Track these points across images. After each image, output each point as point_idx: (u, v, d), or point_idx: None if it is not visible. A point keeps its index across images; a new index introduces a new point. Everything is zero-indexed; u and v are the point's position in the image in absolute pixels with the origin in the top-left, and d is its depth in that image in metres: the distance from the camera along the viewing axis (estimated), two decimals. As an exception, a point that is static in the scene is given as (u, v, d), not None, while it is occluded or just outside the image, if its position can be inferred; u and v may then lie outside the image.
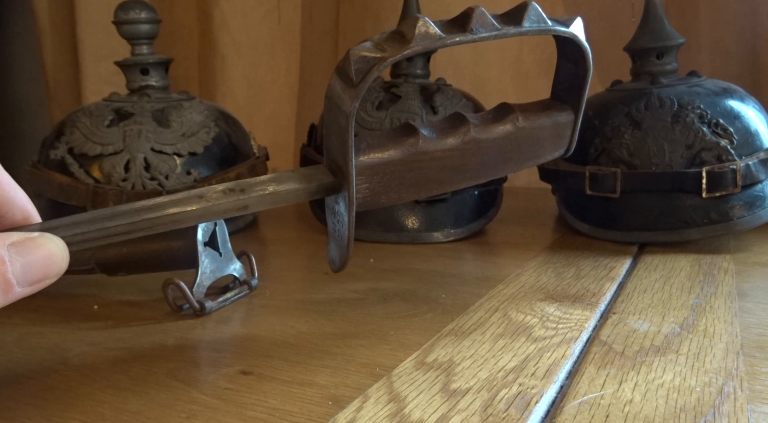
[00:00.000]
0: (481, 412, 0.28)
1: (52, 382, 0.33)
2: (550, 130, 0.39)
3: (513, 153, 0.38)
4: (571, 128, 0.39)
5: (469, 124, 0.37)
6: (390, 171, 0.35)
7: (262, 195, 0.33)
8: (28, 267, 0.25)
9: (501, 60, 0.91)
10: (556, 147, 0.40)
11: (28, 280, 0.25)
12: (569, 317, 0.40)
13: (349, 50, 0.32)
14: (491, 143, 0.37)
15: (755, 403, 0.29)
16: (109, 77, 0.98)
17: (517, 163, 0.39)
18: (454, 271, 0.52)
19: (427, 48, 0.32)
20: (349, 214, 0.34)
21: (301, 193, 0.34)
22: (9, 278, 0.24)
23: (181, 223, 0.31)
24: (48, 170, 0.63)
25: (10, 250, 0.24)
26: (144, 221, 0.30)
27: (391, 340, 0.37)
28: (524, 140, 0.38)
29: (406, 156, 0.36)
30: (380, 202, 0.36)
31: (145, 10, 0.65)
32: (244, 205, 0.32)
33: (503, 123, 0.38)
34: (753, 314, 0.40)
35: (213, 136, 0.65)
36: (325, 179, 0.34)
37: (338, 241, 0.37)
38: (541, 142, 0.39)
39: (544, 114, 0.39)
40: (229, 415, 0.29)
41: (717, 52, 0.79)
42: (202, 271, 0.43)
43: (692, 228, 0.55)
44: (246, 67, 1.01)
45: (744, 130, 0.56)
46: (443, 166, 0.37)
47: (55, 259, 0.26)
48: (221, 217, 0.33)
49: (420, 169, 0.36)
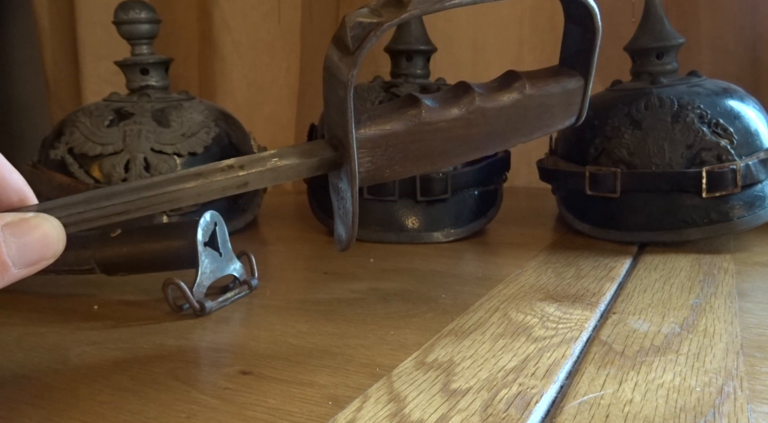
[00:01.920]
0: (481, 412, 0.28)
1: (52, 382, 0.33)
2: (559, 97, 0.37)
3: (521, 122, 0.36)
4: (581, 94, 0.38)
5: (474, 92, 0.35)
6: (393, 143, 0.34)
7: (261, 170, 0.32)
8: (24, 248, 0.24)
9: (501, 60, 0.91)
10: (567, 115, 0.38)
11: (24, 261, 0.24)
12: (569, 317, 0.40)
13: (345, 17, 0.31)
14: (498, 112, 0.36)
15: (755, 403, 0.29)
16: (109, 77, 0.98)
17: (526, 132, 0.37)
18: (454, 271, 0.52)
19: (425, 11, 0.32)
20: (352, 189, 0.33)
21: (302, 169, 0.33)
22: (5, 260, 0.24)
23: (180, 201, 0.30)
24: (48, 170, 0.63)
25: (5, 231, 0.24)
26: (141, 200, 0.29)
27: (391, 340, 0.37)
28: (532, 108, 0.36)
29: (408, 127, 0.34)
30: (384, 176, 0.35)
31: (145, 10, 0.65)
32: (243, 181, 0.31)
33: (510, 91, 0.36)
34: (753, 314, 0.40)
35: (213, 136, 0.65)
36: (326, 154, 0.33)
37: (343, 219, 0.36)
38: (551, 110, 0.37)
39: (553, 80, 0.37)
40: (229, 415, 0.29)
41: (717, 52, 0.79)
42: (202, 271, 0.43)
43: (692, 228, 0.55)
44: (246, 67, 1.01)
45: (744, 130, 0.56)
46: (448, 137, 0.35)
47: (51, 239, 0.25)
48: (220, 195, 0.31)
49: (424, 141, 0.35)
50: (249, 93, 1.01)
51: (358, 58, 0.31)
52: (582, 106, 0.38)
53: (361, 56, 0.31)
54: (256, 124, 0.94)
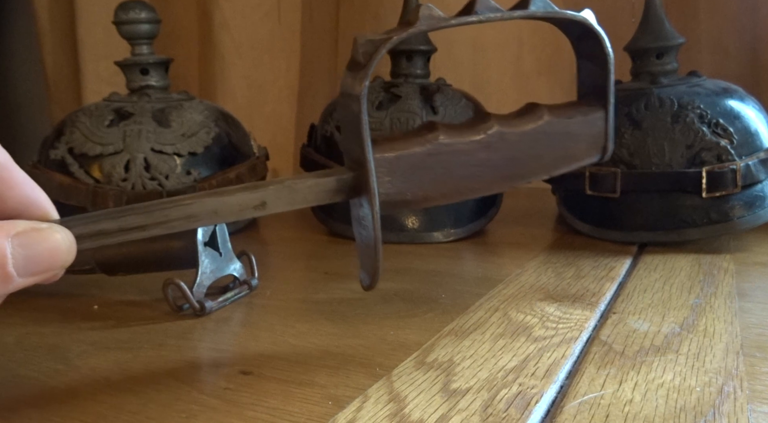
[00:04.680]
0: (481, 412, 0.28)
1: (52, 382, 0.33)
2: (580, 126, 0.37)
3: (544, 149, 0.36)
4: (603, 124, 0.37)
5: (492, 118, 0.35)
6: (412, 163, 0.34)
7: (279, 188, 0.31)
8: (30, 259, 0.24)
9: (501, 60, 0.91)
10: (592, 147, 0.37)
11: (29, 271, 0.24)
12: (569, 317, 0.40)
13: (356, 37, 0.32)
14: (518, 137, 0.35)
15: (755, 403, 0.29)
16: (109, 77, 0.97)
17: (551, 162, 0.37)
18: (454, 271, 0.52)
19: (432, 27, 0.32)
20: (372, 209, 0.32)
21: (319, 190, 0.32)
22: (9, 272, 0.24)
23: (196, 218, 0.30)
24: (48, 170, 0.63)
25: (14, 241, 0.24)
26: (159, 213, 0.29)
27: (391, 340, 0.37)
28: (555, 136, 0.36)
29: (427, 148, 0.34)
30: (406, 199, 0.34)
31: (145, 10, 0.65)
32: (261, 200, 0.31)
33: (530, 117, 0.36)
34: (753, 314, 0.40)
35: (213, 136, 0.65)
36: (343, 175, 0.33)
37: (366, 250, 0.35)
38: (574, 139, 0.37)
39: (573, 110, 0.37)
40: (229, 415, 0.29)
41: (717, 52, 0.79)
42: (202, 271, 0.43)
43: (692, 228, 0.55)
44: (246, 67, 1.01)
45: (744, 130, 0.56)
46: (469, 160, 0.35)
47: (60, 251, 0.25)
48: (237, 216, 0.31)
49: (444, 163, 0.34)
50: (249, 93, 1.01)
51: (369, 69, 0.31)
52: (606, 136, 0.37)
53: (371, 68, 0.31)
54: (256, 124, 0.94)
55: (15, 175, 0.26)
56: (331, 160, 0.66)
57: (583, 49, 0.38)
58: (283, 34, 1.01)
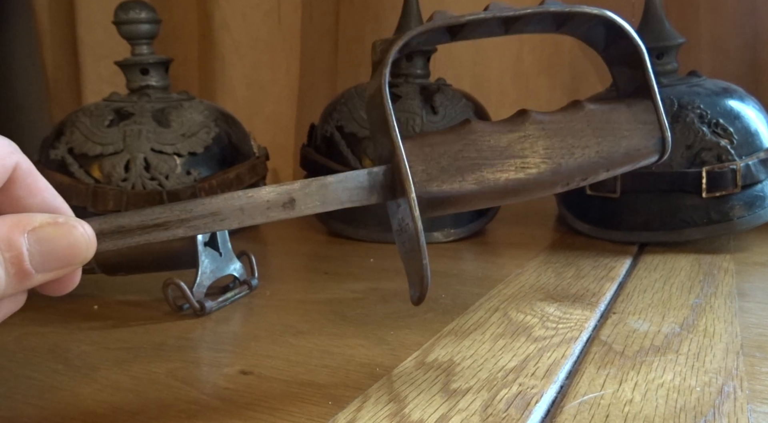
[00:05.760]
0: (481, 412, 0.28)
1: (52, 382, 0.33)
2: (626, 115, 0.34)
3: (590, 140, 0.33)
4: (653, 113, 0.34)
5: (530, 111, 0.33)
6: (446, 152, 0.31)
7: (307, 183, 0.29)
8: (48, 255, 0.24)
9: (501, 60, 0.91)
10: (647, 138, 0.34)
11: (48, 267, 0.24)
12: (569, 317, 0.40)
13: (373, 42, 0.32)
14: (558, 126, 0.33)
15: (755, 403, 0.29)
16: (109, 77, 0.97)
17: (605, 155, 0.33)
18: (454, 271, 0.52)
19: (446, 23, 0.32)
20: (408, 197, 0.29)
21: (351, 186, 0.30)
22: (26, 268, 0.23)
23: (221, 216, 0.28)
24: (48, 170, 0.63)
25: (30, 237, 0.23)
26: (182, 210, 0.27)
27: (391, 340, 0.37)
28: (599, 125, 0.33)
29: (461, 138, 0.32)
30: (445, 193, 0.31)
31: (145, 10, 0.65)
32: (289, 197, 0.29)
33: (568, 109, 0.34)
34: (753, 314, 0.40)
35: (213, 136, 0.65)
36: (374, 169, 0.31)
37: (410, 259, 0.32)
38: (623, 129, 0.34)
39: (616, 101, 0.35)
40: (229, 415, 0.29)
41: (717, 52, 0.79)
42: (202, 271, 0.43)
43: (692, 228, 0.55)
44: (246, 67, 1.01)
45: (744, 130, 0.56)
46: (510, 147, 0.32)
47: (79, 247, 0.24)
48: (265, 216, 0.29)
49: (482, 150, 0.32)
50: (249, 93, 1.01)
51: (388, 60, 0.31)
52: (661, 127, 0.34)
53: (390, 58, 0.31)
54: (256, 124, 0.94)
55: (39, 182, 0.26)
56: (331, 160, 0.66)
57: (613, 54, 0.37)
58: (283, 34, 1.01)
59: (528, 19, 0.34)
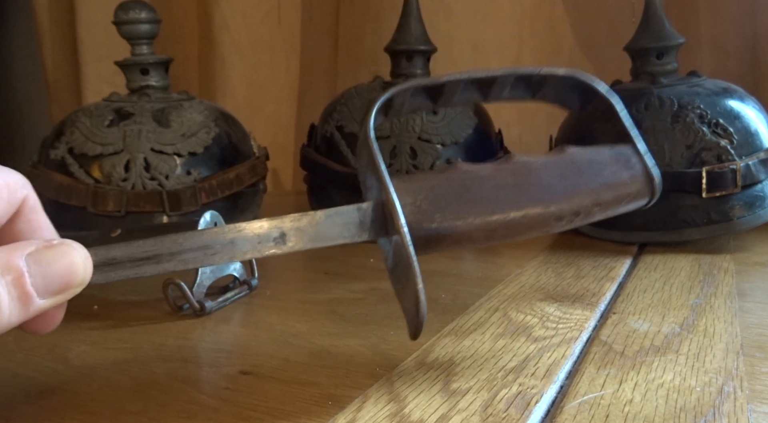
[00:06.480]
0: (481, 412, 0.28)
1: (52, 382, 0.33)
2: (610, 157, 0.34)
3: (578, 178, 0.33)
4: (637, 155, 0.35)
5: (513, 154, 0.34)
6: (433, 185, 0.31)
7: (296, 217, 0.30)
8: (48, 277, 0.24)
9: (501, 60, 0.91)
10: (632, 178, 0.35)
11: (49, 290, 0.24)
12: (569, 317, 0.40)
13: None
14: (544, 165, 0.33)
15: (755, 403, 0.29)
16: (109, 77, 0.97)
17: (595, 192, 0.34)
18: (454, 271, 0.52)
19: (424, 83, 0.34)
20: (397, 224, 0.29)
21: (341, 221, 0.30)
22: (28, 290, 0.23)
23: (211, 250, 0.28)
24: (48, 170, 0.63)
25: (29, 260, 0.23)
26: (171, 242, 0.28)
27: (391, 340, 0.37)
28: (584, 165, 0.34)
29: (447, 175, 0.32)
30: (435, 221, 0.31)
31: (145, 10, 0.65)
32: (280, 232, 0.29)
33: (552, 152, 0.35)
34: (753, 314, 0.40)
35: (213, 136, 0.64)
36: (362, 205, 0.31)
37: (405, 292, 0.32)
38: (608, 167, 0.34)
39: (599, 145, 0.35)
40: (229, 415, 0.29)
41: (717, 52, 0.79)
42: (202, 271, 0.43)
43: (692, 228, 0.55)
44: (246, 67, 1.01)
45: (744, 130, 0.56)
46: (497, 184, 0.32)
47: (77, 267, 0.24)
48: (255, 251, 0.29)
49: (471, 188, 0.32)
50: (249, 93, 1.01)
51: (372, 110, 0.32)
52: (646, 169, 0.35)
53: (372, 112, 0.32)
54: (256, 124, 0.94)
55: (41, 220, 0.26)
56: (331, 160, 0.66)
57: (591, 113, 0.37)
58: (283, 34, 1.01)
59: (502, 83, 0.35)
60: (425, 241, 0.31)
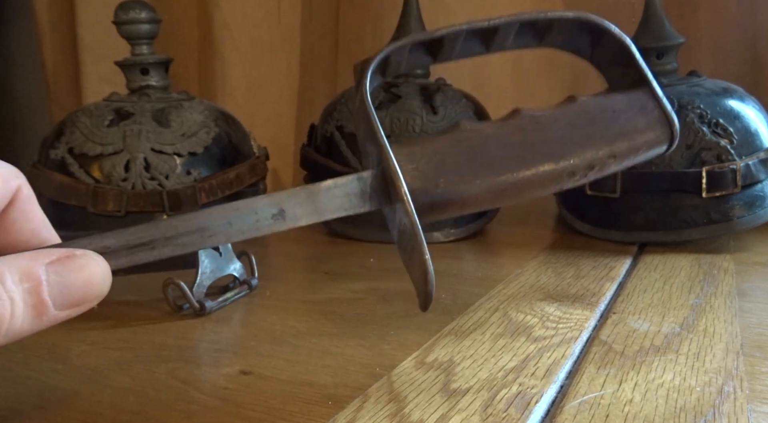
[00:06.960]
0: (481, 412, 0.28)
1: (52, 382, 0.33)
2: (624, 103, 0.33)
3: (591, 127, 0.31)
4: (653, 100, 0.33)
5: (522, 108, 0.32)
6: (436, 148, 0.30)
7: (294, 192, 0.28)
8: (66, 289, 0.23)
9: (501, 60, 0.90)
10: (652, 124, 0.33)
11: (65, 302, 0.23)
12: (569, 317, 0.40)
13: (354, 64, 0.33)
14: (553, 118, 0.31)
15: (755, 403, 0.29)
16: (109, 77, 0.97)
17: (610, 140, 0.31)
18: (454, 271, 0.52)
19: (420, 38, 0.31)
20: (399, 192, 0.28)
21: (341, 193, 0.29)
22: (44, 299, 0.22)
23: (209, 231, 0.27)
24: (48, 170, 0.62)
25: (49, 269, 0.23)
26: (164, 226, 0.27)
27: (391, 340, 0.37)
28: (596, 113, 0.32)
29: (449, 135, 0.30)
30: (439, 186, 0.29)
31: (145, 10, 0.65)
32: (278, 208, 0.27)
33: (562, 102, 0.33)
34: (753, 314, 0.40)
35: (213, 136, 0.64)
36: (363, 173, 0.29)
37: (412, 260, 0.30)
38: (623, 115, 0.32)
39: (612, 91, 0.34)
40: (229, 415, 0.29)
41: (717, 52, 0.79)
42: (202, 271, 0.43)
43: (692, 228, 0.55)
44: (246, 68, 1.01)
45: (744, 130, 0.56)
46: (505, 142, 0.30)
47: (96, 280, 0.24)
48: (255, 230, 0.27)
49: (476, 148, 0.30)
50: (249, 93, 1.01)
51: (368, 72, 0.31)
52: (665, 112, 0.33)
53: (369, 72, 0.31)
54: (256, 124, 0.94)
55: (35, 211, 0.26)
56: (331, 160, 0.66)
57: (601, 57, 0.35)
58: (283, 34, 1.01)
59: (506, 32, 0.33)
60: (430, 207, 0.29)
